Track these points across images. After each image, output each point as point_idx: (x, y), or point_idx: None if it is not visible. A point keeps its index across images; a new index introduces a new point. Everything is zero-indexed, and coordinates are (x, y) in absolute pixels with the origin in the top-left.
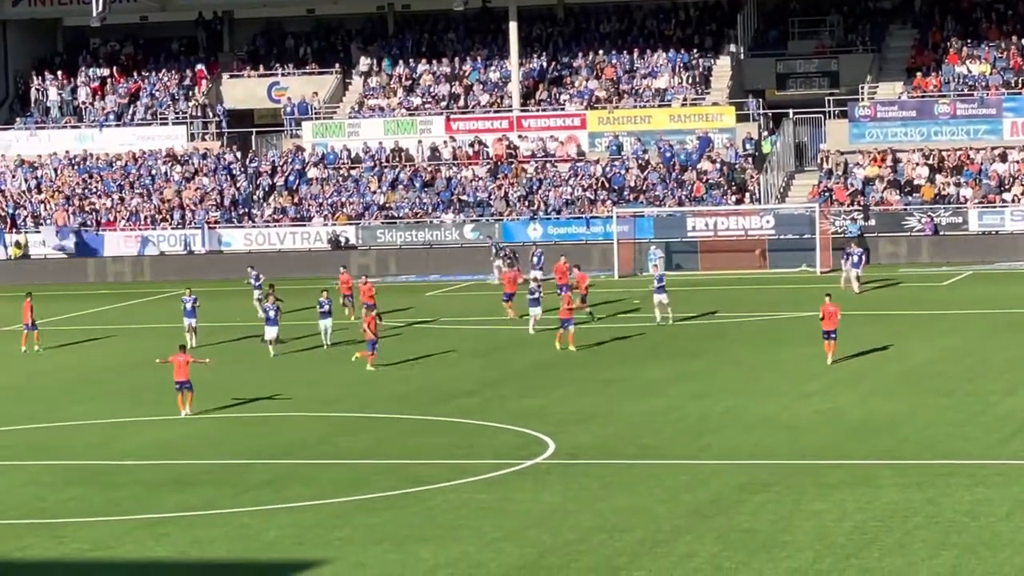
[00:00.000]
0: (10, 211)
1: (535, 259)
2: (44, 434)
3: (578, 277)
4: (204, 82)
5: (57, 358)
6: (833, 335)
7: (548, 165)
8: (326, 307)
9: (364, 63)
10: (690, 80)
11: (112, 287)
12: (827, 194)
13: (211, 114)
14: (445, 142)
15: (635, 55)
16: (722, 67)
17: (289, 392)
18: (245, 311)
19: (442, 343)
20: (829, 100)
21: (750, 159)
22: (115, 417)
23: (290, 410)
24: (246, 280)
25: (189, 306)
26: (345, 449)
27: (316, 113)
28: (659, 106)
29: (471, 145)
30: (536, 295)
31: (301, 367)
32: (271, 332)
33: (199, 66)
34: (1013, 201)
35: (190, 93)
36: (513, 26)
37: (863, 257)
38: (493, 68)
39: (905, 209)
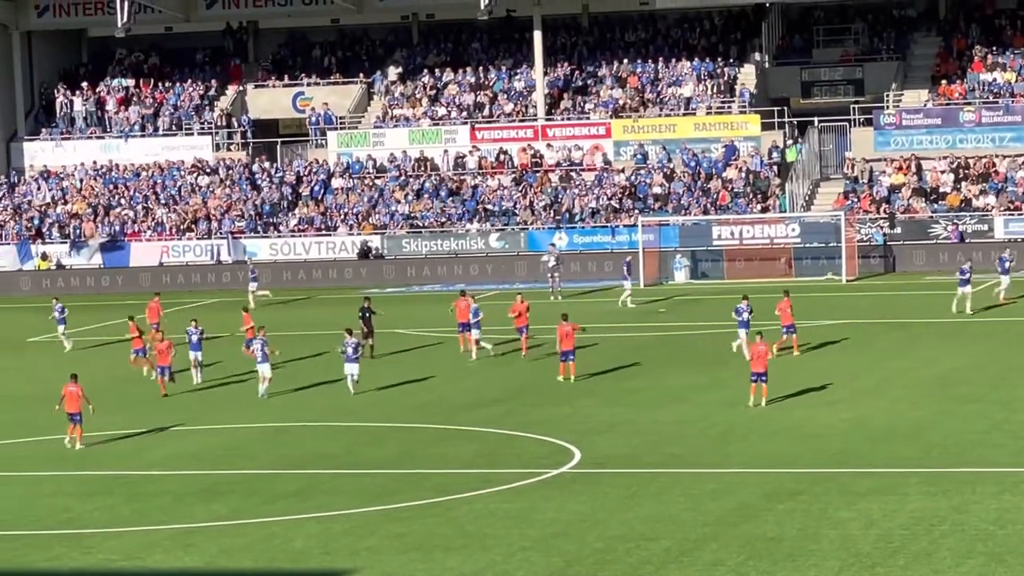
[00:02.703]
0: (36, 222)
1: (624, 268)
2: (71, 444)
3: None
4: (236, 84)
5: (85, 368)
6: (763, 377)
7: (573, 174)
8: (348, 349)
9: (393, 73)
10: (715, 89)
11: (139, 297)
12: (853, 202)
13: (236, 124)
14: (470, 151)
15: (660, 64)
16: (747, 75)
17: (313, 403)
18: (270, 320)
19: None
20: (854, 108)
21: (775, 167)
22: (142, 427)
23: (315, 420)
24: (50, 315)
25: (195, 339)
26: (371, 459)
27: (341, 123)
28: (684, 115)
29: (496, 155)
30: (744, 315)
31: (323, 377)
32: (265, 368)
33: (235, 61)
34: None
35: (215, 103)
36: (538, 35)
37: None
38: (518, 77)
39: (931, 217)
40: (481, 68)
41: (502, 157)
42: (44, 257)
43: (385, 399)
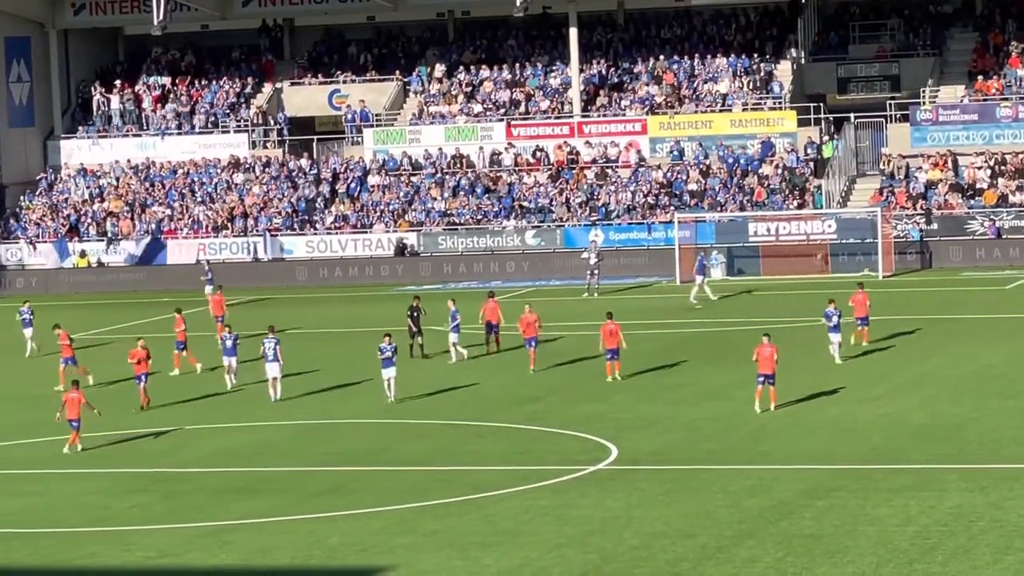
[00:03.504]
0: (73, 220)
1: (699, 264)
2: (108, 442)
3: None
4: (270, 82)
5: (121, 366)
6: (771, 379)
7: (609, 171)
8: (387, 353)
9: (439, 70)
10: (751, 85)
11: (174, 295)
12: (889, 198)
13: (272, 122)
14: (506, 148)
15: (696, 60)
16: (783, 72)
17: (351, 400)
18: (307, 319)
19: (503, 349)
20: (890, 104)
21: (811, 164)
22: (179, 425)
23: (352, 418)
24: (17, 317)
25: (229, 343)
26: (407, 456)
27: (377, 120)
28: (720, 111)
29: (532, 152)
30: (834, 320)
31: (360, 375)
32: (274, 368)
33: (266, 56)
34: None
35: (251, 101)
36: (573, 32)
37: None
38: (553, 74)
39: (967, 213)
40: (517, 65)
41: (538, 154)
42: (83, 255)
43: (421, 396)
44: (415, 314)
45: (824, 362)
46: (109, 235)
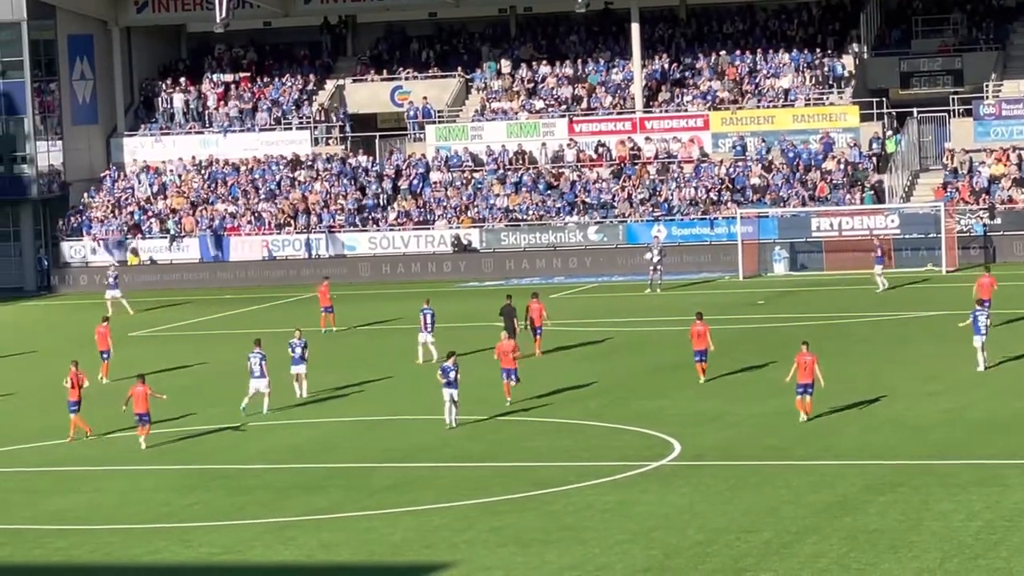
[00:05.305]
0: (137, 217)
1: (878, 257)
2: (170, 438)
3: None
4: (327, 88)
5: (182, 363)
6: (809, 389)
7: (671, 166)
8: (451, 374)
9: (506, 65)
10: (813, 80)
11: (237, 292)
12: (952, 193)
13: (334, 119)
14: (568, 144)
15: (758, 55)
16: (846, 66)
17: (409, 397)
18: (368, 314)
19: (564, 345)
20: (953, 98)
21: (874, 159)
22: (240, 421)
23: (412, 414)
24: None
25: (298, 353)
26: (468, 452)
27: (439, 117)
28: (782, 106)
29: (594, 148)
30: (979, 320)
31: (420, 372)
32: (261, 384)
33: (304, 50)
34: None
35: (313, 98)
36: (635, 27)
37: None
38: (615, 70)
39: None
40: (579, 61)
41: (600, 150)
42: (135, 253)
43: (482, 393)
44: (511, 314)
45: (884, 357)
46: (172, 232)
